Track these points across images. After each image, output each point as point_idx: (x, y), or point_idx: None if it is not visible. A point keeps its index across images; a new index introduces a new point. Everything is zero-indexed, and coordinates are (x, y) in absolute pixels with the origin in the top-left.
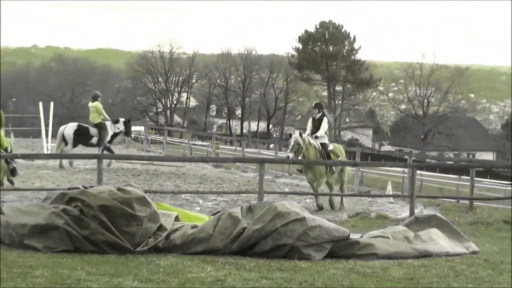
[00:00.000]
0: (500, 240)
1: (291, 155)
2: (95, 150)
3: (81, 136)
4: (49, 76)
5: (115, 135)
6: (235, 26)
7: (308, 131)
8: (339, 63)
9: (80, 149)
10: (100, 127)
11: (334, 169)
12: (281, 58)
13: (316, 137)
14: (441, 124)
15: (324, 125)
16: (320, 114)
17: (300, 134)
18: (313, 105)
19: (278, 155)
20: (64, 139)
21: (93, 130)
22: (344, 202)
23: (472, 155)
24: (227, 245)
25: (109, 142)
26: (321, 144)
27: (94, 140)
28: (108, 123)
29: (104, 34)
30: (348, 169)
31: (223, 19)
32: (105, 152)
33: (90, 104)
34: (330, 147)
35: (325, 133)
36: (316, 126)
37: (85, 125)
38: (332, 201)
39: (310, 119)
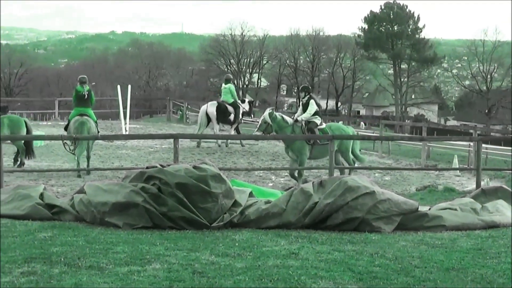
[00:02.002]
0: None
1: (258, 133)
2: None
3: (221, 114)
4: (126, 60)
5: (242, 114)
6: (303, 8)
7: (299, 114)
8: (404, 42)
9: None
10: (235, 106)
11: (313, 142)
12: (348, 38)
13: (297, 120)
14: (504, 98)
15: (311, 108)
16: (306, 98)
17: (271, 113)
18: (299, 89)
19: None
20: (208, 117)
21: (230, 108)
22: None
23: None
24: (300, 219)
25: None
26: (308, 121)
27: (231, 117)
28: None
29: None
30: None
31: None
32: (233, 132)
33: (224, 85)
34: (322, 125)
35: (318, 115)
36: (304, 110)
37: (223, 104)
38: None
39: (301, 103)
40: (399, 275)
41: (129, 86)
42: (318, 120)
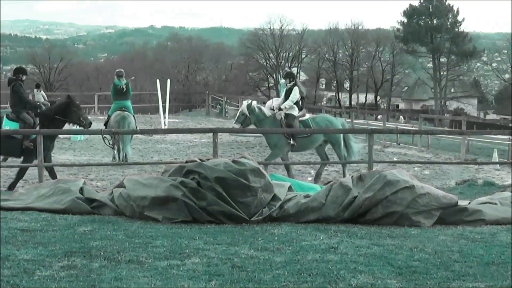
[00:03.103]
0: None
1: (236, 126)
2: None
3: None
4: (165, 55)
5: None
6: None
7: (280, 101)
8: (443, 36)
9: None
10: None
11: (292, 142)
12: (387, 32)
13: (280, 109)
14: None
15: (293, 95)
16: (291, 84)
17: (249, 105)
18: (284, 75)
19: (386, 125)
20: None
21: None
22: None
23: None
24: (339, 213)
25: None
26: (286, 114)
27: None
28: None
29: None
30: (354, 144)
31: None
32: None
33: (283, 81)
34: (305, 117)
35: (300, 103)
36: (287, 97)
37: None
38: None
39: (284, 90)
40: (438, 269)
41: (168, 81)
42: (295, 111)
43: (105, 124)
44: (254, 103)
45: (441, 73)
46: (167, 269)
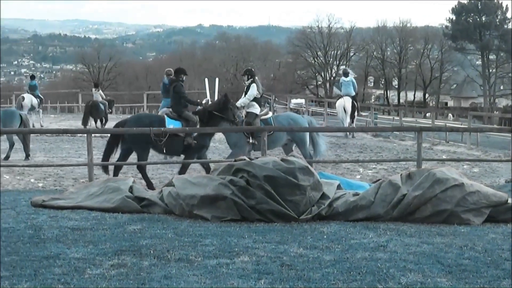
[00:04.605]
0: None
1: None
2: None
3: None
4: (213, 53)
5: None
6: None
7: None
8: (492, 33)
9: None
10: (355, 98)
11: (252, 141)
12: (436, 29)
13: (237, 108)
14: None
15: (250, 92)
16: (249, 81)
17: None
18: (243, 72)
19: (435, 123)
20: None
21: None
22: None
23: None
24: (388, 211)
25: None
26: (247, 113)
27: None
28: None
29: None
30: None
31: None
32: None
33: (344, 79)
34: (267, 115)
35: (258, 103)
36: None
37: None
38: None
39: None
40: (488, 268)
41: (217, 79)
42: (256, 110)
43: None
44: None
45: (490, 70)
46: (216, 268)
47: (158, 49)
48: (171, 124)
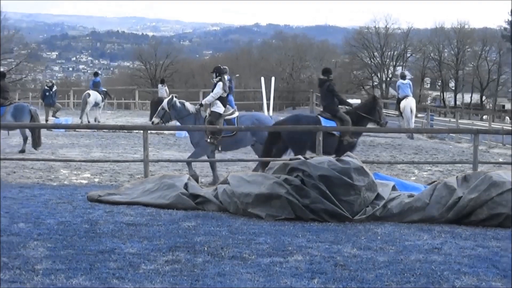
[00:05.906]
0: None
1: (156, 120)
2: None
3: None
4: (270, 53)
5: None
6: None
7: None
8: None
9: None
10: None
11: (212, 140)
12: (494, 31)
13: (201, 105)
14: None
15: (216, 91)
16: (217, 79)
17: (169, 100)
18: (212, 70)
19: (492, 126)
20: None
21: None
22: None
23: None
24: (443, 214)
25: None
26: (211, 112)
27: None
28: None
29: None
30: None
31: None
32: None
33: (402, 81)
34: (234, 115)
35: (223, 102)
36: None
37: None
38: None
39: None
40: None
41: (273, 78)
42: (220, 109)
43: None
44: (176, 98)
45: None
46: (270, 266)
47: (215, 48)
48: (327, 125)
